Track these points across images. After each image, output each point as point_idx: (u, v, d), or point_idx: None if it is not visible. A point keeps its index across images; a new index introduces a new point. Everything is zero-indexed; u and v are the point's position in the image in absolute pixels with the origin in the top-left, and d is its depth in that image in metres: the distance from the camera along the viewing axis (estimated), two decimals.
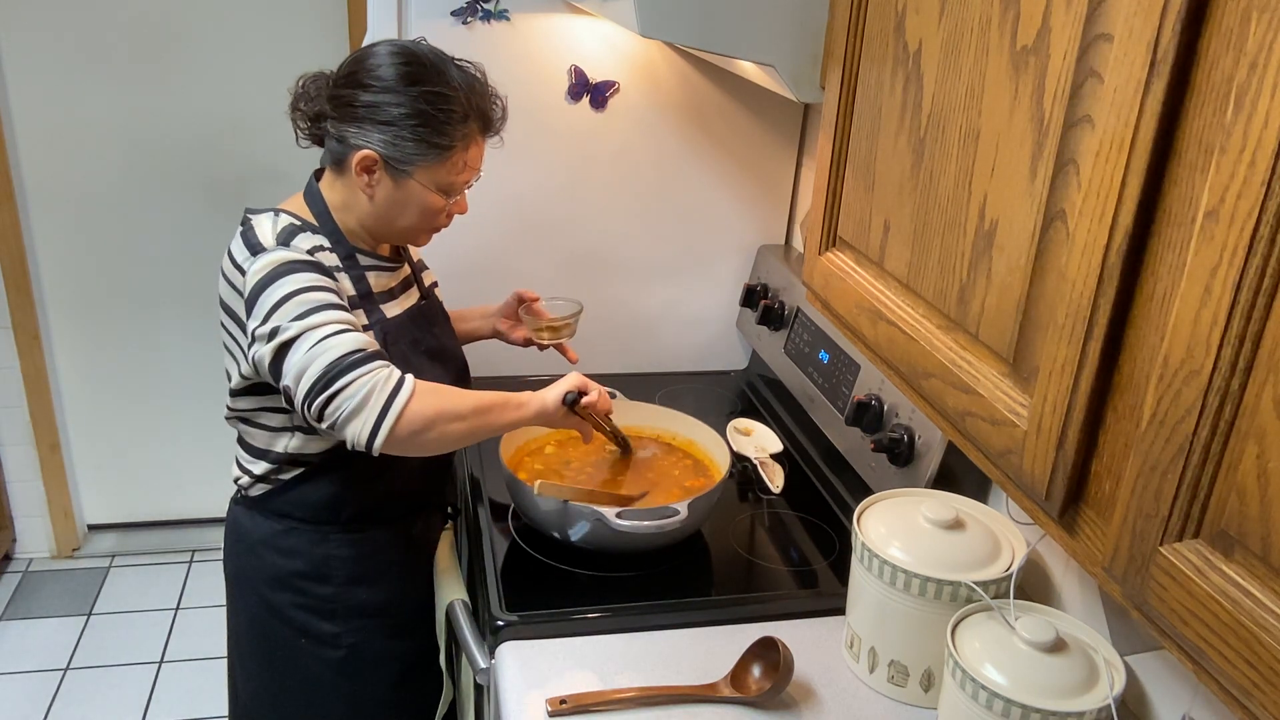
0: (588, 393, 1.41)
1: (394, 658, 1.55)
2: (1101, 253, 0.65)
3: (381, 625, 1.52)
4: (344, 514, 1.45)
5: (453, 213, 1.42)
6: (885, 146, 0.96)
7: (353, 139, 1.32)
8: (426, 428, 1.26)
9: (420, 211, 1.37)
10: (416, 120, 1.30)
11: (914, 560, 1.14)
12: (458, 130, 1.33)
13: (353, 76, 1.32)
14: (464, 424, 1.29)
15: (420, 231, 1.42)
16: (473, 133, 1.35)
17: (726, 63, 1.47)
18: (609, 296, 1.98)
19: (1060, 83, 0.69)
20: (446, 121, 1.32)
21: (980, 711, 0.99)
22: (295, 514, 1.45)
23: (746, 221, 1.98)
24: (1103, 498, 0.69)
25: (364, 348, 1.26)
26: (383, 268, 1.44)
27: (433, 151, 1.32)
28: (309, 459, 1.42)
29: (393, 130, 1.30)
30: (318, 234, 1.37)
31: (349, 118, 1.32)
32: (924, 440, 1.38)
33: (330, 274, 1.32)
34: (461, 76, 1.34)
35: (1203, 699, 1.00)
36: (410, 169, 1.33)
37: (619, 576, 1.38)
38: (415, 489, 1.52)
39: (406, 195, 1.35)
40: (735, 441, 1.71)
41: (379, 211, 1.38)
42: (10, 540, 2.94)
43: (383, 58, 1.32)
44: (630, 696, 1.16)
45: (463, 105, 1.32)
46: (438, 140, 1.31)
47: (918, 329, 0.91)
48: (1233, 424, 0.55)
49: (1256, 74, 0.52)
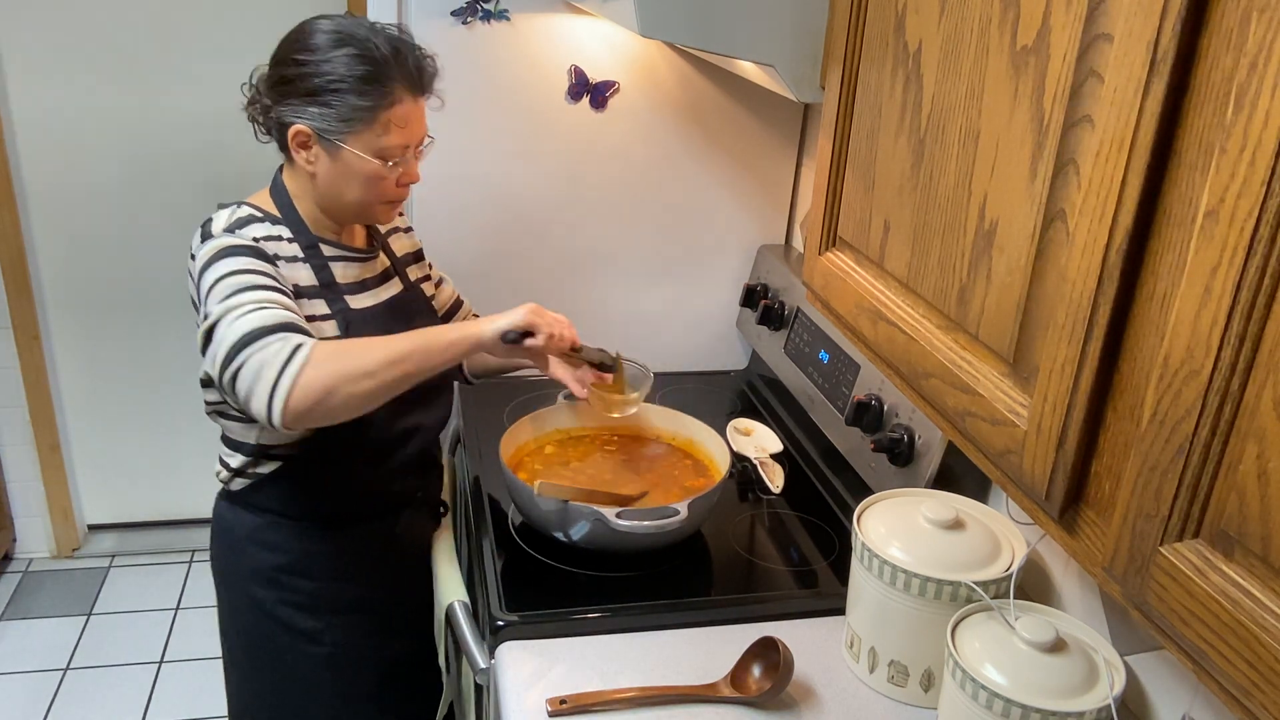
0: (534, 333, 1.33)
1: (381, 656, 1.55)
2: (1101, 253, 0.65)
3: (366, 622, 1.52)
4: (323, 509, 1.45)
5: (403, 181, 1.38)
6: (885, 146, 0.96)
7: (286, 117, 1.31)
8: (328, 393, 1.19)
9: (363, 182, 1.34)
10: (335, 86, 1.28)
11: (914, 560, 1.14)
12: (377, 91, 1.29)
13: (278, 55, 1.32)
14: (373, 381, 1.22)
15: (373, 204, 1.38)
16: (396, 93, 1.31)
17: (726, 63, 1.47)
18: (609, 296, 1.98)
19: (1060, 83, 0.69)
20: (365, 83, 1.29)
21: (980, 711, 0.99)
22: (275, 508, 1.45)
23: (746, 221, 1.98)
24: (1103, 498, 0.69)
25: (272, 323, 1.22)
26: (351, 258, 1.43)
27: (357, 116, 1.30)
28: (282, 452, 1.41)
29: (316, 100, 1.29)
30: (278, 224, 1.36)
31: (281, 97, 1.31)
32: (924, 440, 1.38)
33: (270, 259, 1.31)
34: (378, 37, 1.31)
35: (1203, 699, 1.00)
36: (340, 138, 1.31)
37: (619, 576, 1.38)
38: (397, 488, 1.52)
39: (345, 167, 1.33)
40: (735, 441, 1.71)
41: (324, 189, 1.36)
42: (10, 540, 2.94)
43: (301, 32, 1.32)
44: (630, 696, 1.16)
45: (379, 65, 1.29)
46: (359, 104, 1.29)
47: (918, 329, 0.91)
48: (1233, 424, 0.55)
49: (1256, 74, 0.52)
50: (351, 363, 1.21)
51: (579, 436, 1.64)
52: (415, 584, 1.58)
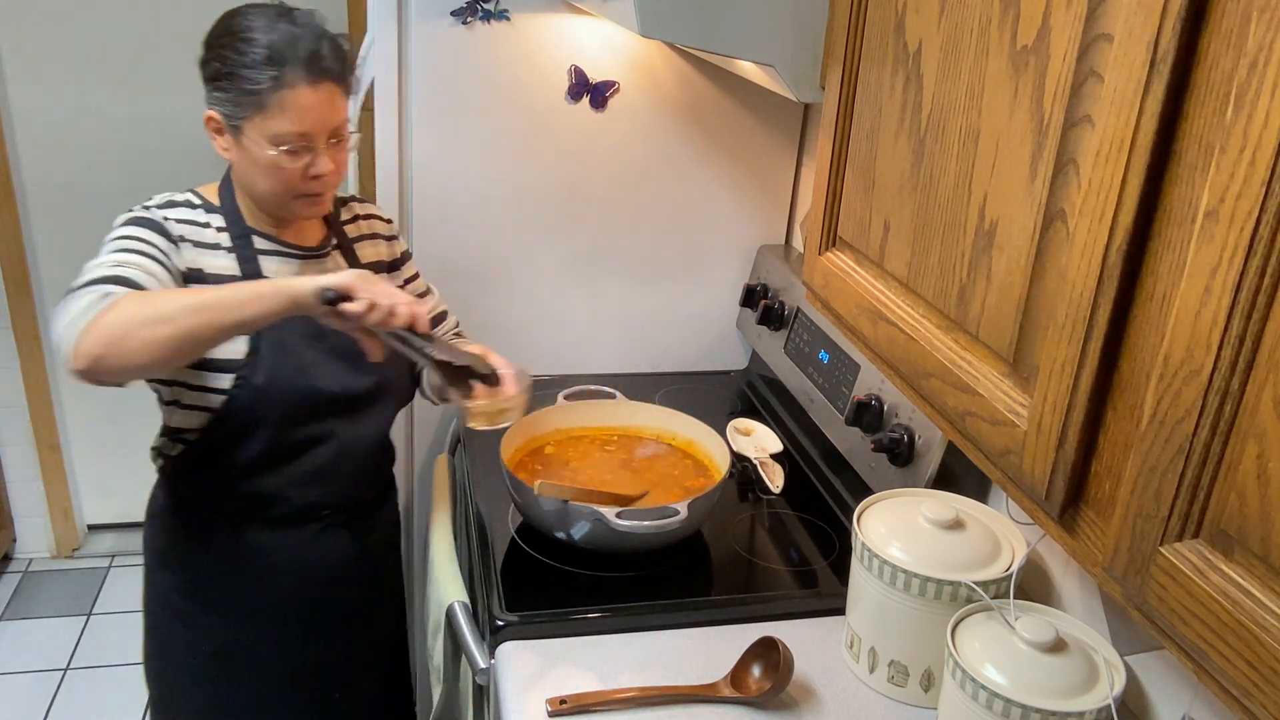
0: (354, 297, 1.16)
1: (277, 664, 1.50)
2: (1101, 253, 0.65)
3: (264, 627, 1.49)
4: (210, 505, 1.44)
5: (310, 174, 1.32)
6: (885, 146, 0.96)
7: (205, 105, 1.33)
8: (121, 337, 1.12)
9: (266, 171, 1.31)
10: (231, 71, 1.28)
11: (914, 560, 1.14)
12: (264, 74, 1.26)
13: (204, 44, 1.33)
14: (171, 327, 1.13)
15: (285, 196, 1.34)
16: (287, 77, 1.27)
17: (726, 63, 1.47)
18: (609, 296, 1.98)
19: (1060, 83, 0.69)
20: (254, 68, 1.27)
21: (980, 711, 0.99)
22: (178, 493, 1.46)
23: (746, 221, 1.98)
24: (1103, 498, 0.69)
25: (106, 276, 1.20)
26: (288, 254, 1.40)
27: (247, 100, 1.28)
28: (187, 437, 1.41)
29: (216, 86, 1.30)
30: (212, 212, 1.37)
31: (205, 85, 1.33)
32: (924, 440, 1.38)
33: (173, 239, 1.33)
34: (279, 23, 1.29)
35: (1203, 699, 1.00)
36: (239, 123, 1.30)
37: (619, 576, 1.38)
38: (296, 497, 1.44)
39: (248, 154, 1.32)
40: (735, 441, 1.71)
41: (239, 178, 1.37)
42: (10, 540, 2.94)
43: (219, 20, 1.32)
44: (630, 696, 1.16)
45: (271, 50, 1.27)
46: (248, 88, 1.27)
47: (918, 329, 0.91)
48: (1233, 424, 0.55)
49: (1256, 74, 0.52)
50: (149, 309, 1.15)
51: (579, 436, 1.64)
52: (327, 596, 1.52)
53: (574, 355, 2.00)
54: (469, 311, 1.91)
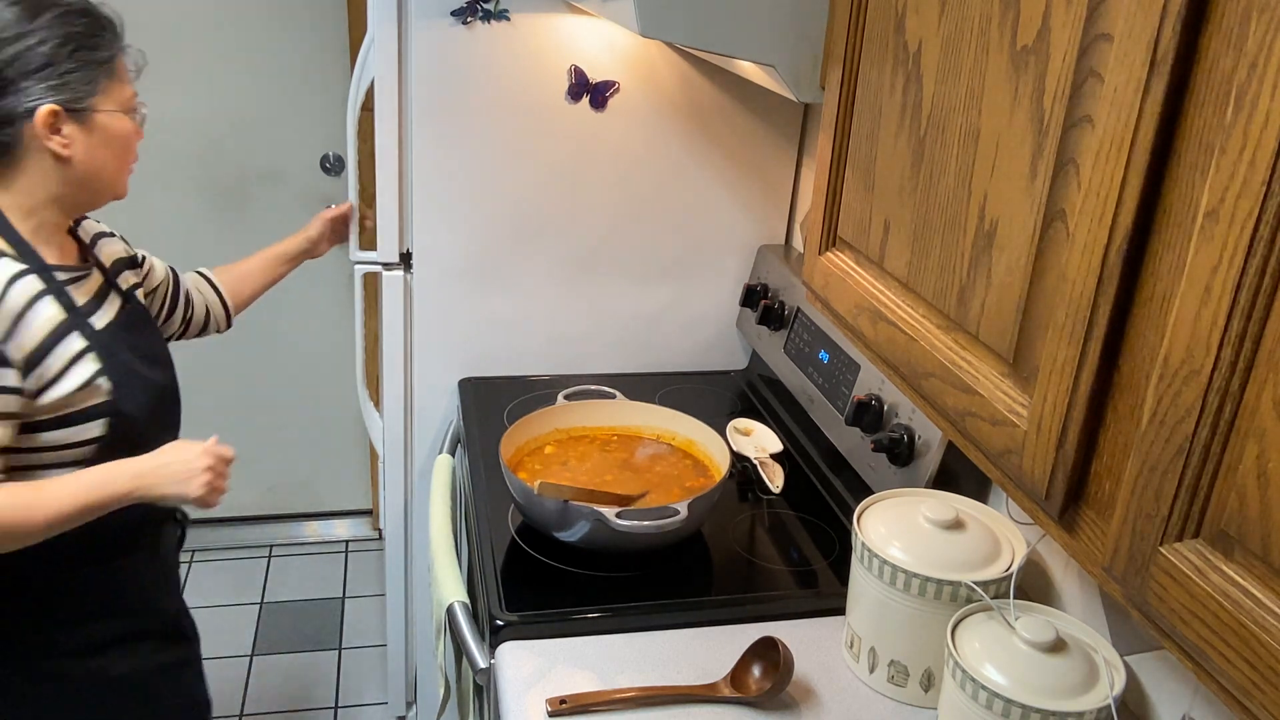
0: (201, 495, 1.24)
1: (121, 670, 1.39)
2: (1101, 253, 0.65)
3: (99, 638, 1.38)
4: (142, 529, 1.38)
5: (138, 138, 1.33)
6: (885, 146, 0.96)
7: (18, 107, 1.18)
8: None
9: (120, 146, 1.28)
10: (70, 46, 1.20)
11: (914, 560, 1.14)
12: (105, 39, 1.24)
13: None
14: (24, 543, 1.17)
15: (123, 174, 1.32)
16: (118, 39, 1.26)
17: (726, 63, 1.47)
18: (609, 296, 1.98)
19: (1060, 83, 0.69)
20: (92, 35, 1.22)
21: (980, 711, 0.99)
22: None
23: (746, 221, 1.98)
24: (1103, 498, 0.69)
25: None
26: (79, 277, 1.31)
27: (101, 71, 1.23)
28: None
29: (52, 70, 1.19)
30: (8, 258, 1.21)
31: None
32: (924, 440, 1.38)
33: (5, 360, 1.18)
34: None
35: (1203, 699, 1.00)
36: (89, 102, 1.23)
37: (619, 576, 1.38)
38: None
39: (100, 135, 1.25)
40: (735, 441, 1.71)
41: (81, 172, 1.25)
42: None
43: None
44: (630, 696, 1.16)
45: (91, 15, 1.24)
46: (96, 57, 1.22)
47: (918, 329, 0.91)
48: (1233, 424, 0.55)
49: (1256, 74, 0.52)
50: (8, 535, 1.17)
51: (579, 436, 1.64)
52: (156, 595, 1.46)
53: (574, 355, 2.00)
54: (469, 311, 1.91)
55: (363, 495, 3.18)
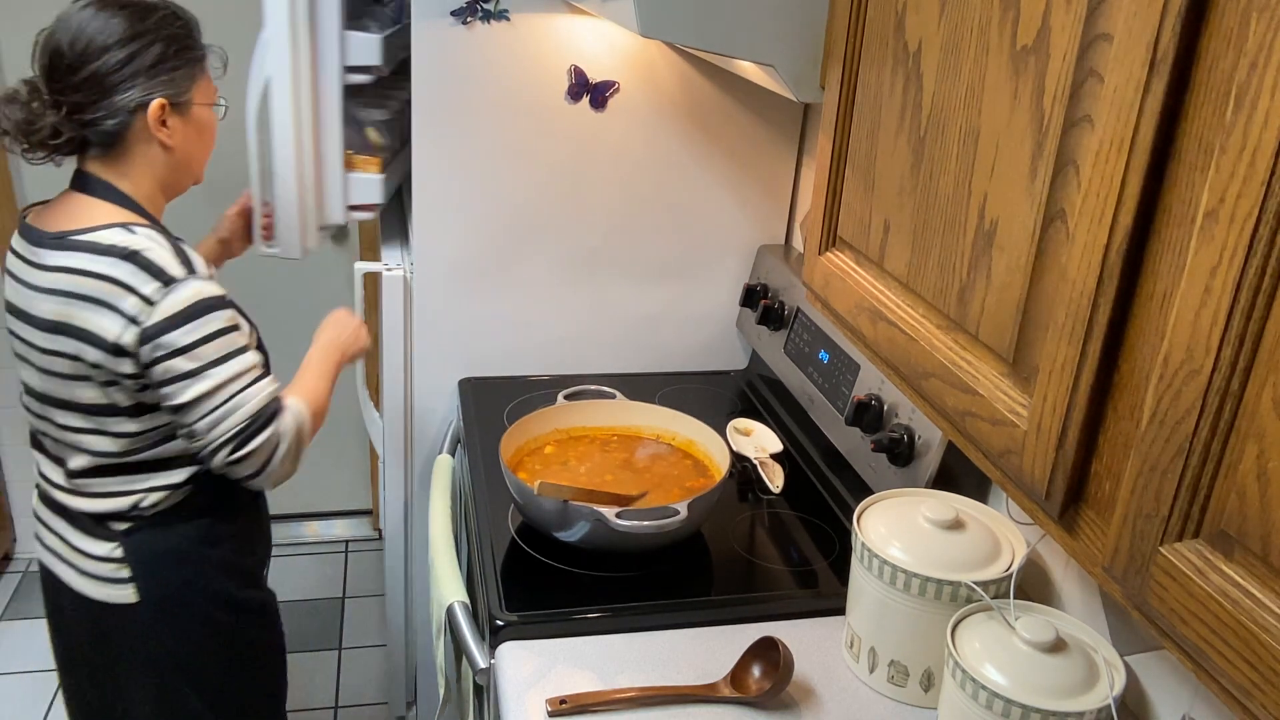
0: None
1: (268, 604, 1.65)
2: (1101, 253, 0.65)
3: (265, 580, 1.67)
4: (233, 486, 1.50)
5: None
6: (885, 146, 0.96)
7: (130, 104, 1.34)
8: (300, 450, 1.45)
9: (208, 138, 1.47)
10: (174, 46, 1.37)
11: (914, 560, 1.14)
12: (196, 39, 1.42)
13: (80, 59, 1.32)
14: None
15: (205, 162, 1.50)
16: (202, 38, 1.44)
17: (726, 63, 1.47)
18: (609, 296, 1.98)
19: (1060, 83, 0.69)
20: (188, 36, 1.40)
21: (980, 711, 0.99)
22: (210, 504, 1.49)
23: (746, 221, 1.98)
24: (1103, 498, 0.69)
25: (270, 400, 1.39)
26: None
27: (196, 67, 1.41)
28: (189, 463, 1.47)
29: (160, 69, 1.35)
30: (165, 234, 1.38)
31: (106, 91, 1.32)
32: (924, 440, 1.38)
33: (233, 303, 1.41)
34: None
35: (1203, 699, 1.00)
36: (188, 97, 1.40)
37: (619, 576, 1.38)
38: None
39: (196, 125, 1.43)
40: (735, 441, 1.71)
41: (179, 159, 1.43)
42: (10, 540, 2.94)
43: (93, 21, 1.33)
44: (630, 696, 1.16)
45: (184, 17, 1.41)
46: (193, 55, 1.40)
47: (918, 329, 0.91)
48: (1233, 424, 0.55)
49: (1256, 74, 0.52)
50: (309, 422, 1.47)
51: (579, 436, 1.64)
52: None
53: (574, 355, 2.00)
54: (469, 311, 1.91)
55: (363, 495, 3.18)
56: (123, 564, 1.43)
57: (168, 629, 1.47)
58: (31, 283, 1.34)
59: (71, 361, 1.33)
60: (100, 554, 1.44)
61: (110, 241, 1.31)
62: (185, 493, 1.45)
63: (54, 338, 1.33)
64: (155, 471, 1.42)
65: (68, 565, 1.47)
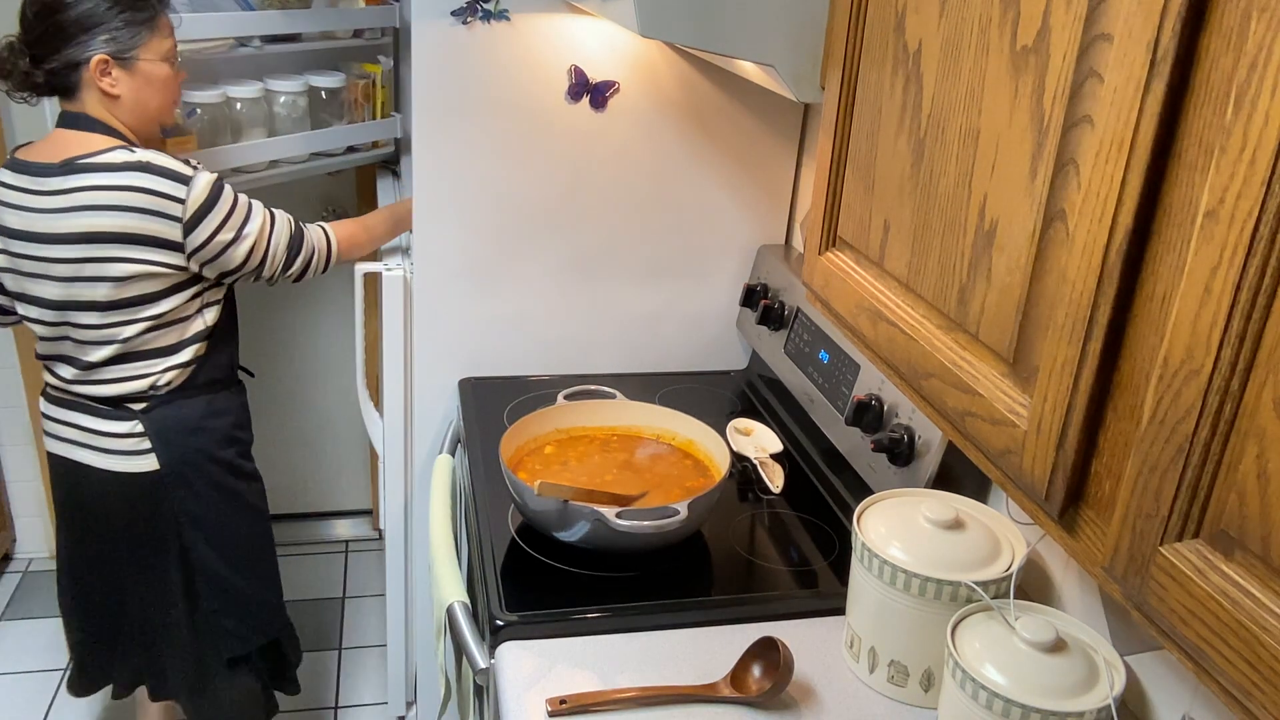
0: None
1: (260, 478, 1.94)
2: (1101, 253, 0.65)
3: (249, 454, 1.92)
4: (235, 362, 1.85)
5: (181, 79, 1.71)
6: (885, 146, 0.96)
7: (75, 56, 1.54)
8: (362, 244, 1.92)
9: (162, 88, 1.64)
10: (118, 8, 1.55)
11: (914, 560, 1.14)
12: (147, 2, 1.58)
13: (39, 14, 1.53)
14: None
15: (171, 106, 1.70)
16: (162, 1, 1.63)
17: (726, 63, 1.47)
18: (609, 296, 1.98)
19: (1060, 83, 0.69)
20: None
21: (980, 711, 0.99)
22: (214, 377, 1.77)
23: (746, 221, 1.98)
24: (1103, 498, 0.69)
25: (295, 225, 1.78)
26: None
27: (142, 27, 1.57)
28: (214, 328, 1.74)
29: (105, 28, 1.54)
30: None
31: (61, 42, 1.53)
32: (924, 440, 1.38)
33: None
34: None
35: (1203, 699, 1.00)
36: (133, 53, 1.58)
37: (619, 576, 1.38)
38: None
39: (143, 78, 1.61)
40: (735, 441, 1.71)
41: (130, 106, 1.62)
42: (10, 540, 2.94)
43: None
44: (630, 696, 1.16)
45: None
46: (142, 16, 1.57)
47: (918, 329, 0.91)
48: (1233, 424, 0.55)
49: (1256, 74, 0.52)
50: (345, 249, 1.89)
51: (579, 436, 1.64)
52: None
53: (574, 355, 2.00)
54: (469, 311, 1.91)
55: (363, 495, 3.18)
56: (143, 437, 1.70)
57: (185, 490, 1.75)
58: (44, 206, 1.56)
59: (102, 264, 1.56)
60: (122, 431, 1.70)
61: (122, 159, 1.55)
62: (190, 371, 1.73)
63: (85, 247, 1.56)
64: (166, 355, 1.69)
65: (90, 449, 1.71)
